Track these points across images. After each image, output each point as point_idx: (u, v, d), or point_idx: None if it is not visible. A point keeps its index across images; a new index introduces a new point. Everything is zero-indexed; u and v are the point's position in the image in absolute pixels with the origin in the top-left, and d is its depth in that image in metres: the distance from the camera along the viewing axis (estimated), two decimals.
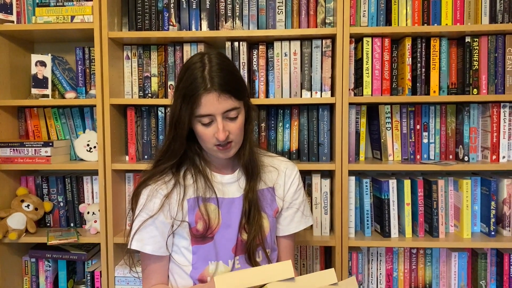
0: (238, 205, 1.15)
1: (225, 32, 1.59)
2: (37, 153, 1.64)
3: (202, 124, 1.06)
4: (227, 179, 1.16)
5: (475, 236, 1.63)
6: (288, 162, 1.26)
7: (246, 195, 1.15)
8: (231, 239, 1.13)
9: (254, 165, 1.16)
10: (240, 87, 1.09)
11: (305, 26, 1.62)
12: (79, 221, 1.78)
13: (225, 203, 1.14)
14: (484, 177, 1.64)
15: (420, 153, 1.67)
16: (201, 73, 1.04)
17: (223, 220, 1.13)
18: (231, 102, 1.05)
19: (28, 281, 1.78)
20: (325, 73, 1.61)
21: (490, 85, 1.58)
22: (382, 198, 1.61)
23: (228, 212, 1.14)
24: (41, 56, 1.68)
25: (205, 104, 1.03)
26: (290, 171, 1.23)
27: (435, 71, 1.59)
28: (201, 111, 1.04)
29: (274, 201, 1.19)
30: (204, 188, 1.12)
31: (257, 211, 1.14)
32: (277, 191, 1.20)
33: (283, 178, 1.21)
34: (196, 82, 1.04)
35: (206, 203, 1.12)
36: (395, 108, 1.66)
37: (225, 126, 1.05)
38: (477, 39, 1.57)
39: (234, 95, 1.05)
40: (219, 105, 1.03)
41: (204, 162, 1.16)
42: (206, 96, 1.03)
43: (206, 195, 1.12)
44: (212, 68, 1.04)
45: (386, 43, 1.60)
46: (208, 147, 1.09)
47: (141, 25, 1.65)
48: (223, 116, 1.05)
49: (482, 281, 1.63)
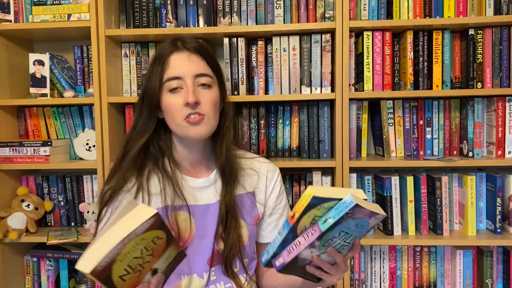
0: (214, 212, 1.05)
1: (223, 28, 1.57)
2: (36, 153, 1.64)
3: (170, 91, 0.97)
4: (201, 183, 1.06)
5: (481, 233, 1.59)
6: (269, 164, 1.17)
7: (223, 200, 1.04)
8: (206, 251, 1.03)
9: (231, 167, 1.06)
10: (215, 60, 1.03)
11: (304, 21, 1.60)
12: (80, 220, 1.78)
13: (199, 211, 1.04)
14: (489, 173, 1.61)
15: (423, 149, 1.63)
16: (173, 40, 1.01)
17: (197, 230, 1.03)
18: (204, 66, 0.98)
19: (30, 280, 1.78)
20: (325, 69, 1.58)
21: (494, 78, 1.54)
22: (385, 195, 1.58)
23: (202, 221, 1.04)
24: (39, 55, 1.67)
25: (174, 65, 0.97)
26: (272, 173, 1.15)
27: (438, 65, 1.55)
28: (170, 73, 0.97)
29: (254, 207, 1.10)
30: (172, 196, 1.01)
31: (234, 218, 1.04)
32: (257, 196, 1.11)
33: (264, 181, 1.13)
34: (166, 45, 1.00)
35: (176, 211, 1.01)
36: (397, 103, 1.63)
37: (196, 93, 0.96)
38: (481, 31, 1.53)
39: (207, 61, 0.99)
40: (190, 66, 0.97)
41: (173, 164, 1.05)
42: (176, 55, 0.98)
43: (175, 203, 1.01)
44: (183, 36, 1.02)
45: (387, 37, 1.56)
46: (177, 123, 0.98)
47: (139, 22, 1.64)
48: (194, 82, 0.97)
49: (488, 280, 1.60)
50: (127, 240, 0.72)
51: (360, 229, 0.85)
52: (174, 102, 0.97)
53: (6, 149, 1.65)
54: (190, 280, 1.03)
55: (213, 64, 1.03)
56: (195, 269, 1.03)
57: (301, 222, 0.82)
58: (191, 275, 1.03)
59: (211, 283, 1.05)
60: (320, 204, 0.80)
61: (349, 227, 0.82)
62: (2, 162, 1.65)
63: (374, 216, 0.83)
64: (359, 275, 1.65)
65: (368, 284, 1.67)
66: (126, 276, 0.76)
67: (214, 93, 1.01)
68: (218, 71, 1.05)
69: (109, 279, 0.73)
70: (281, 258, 0.85)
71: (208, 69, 1.00)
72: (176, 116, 0.97)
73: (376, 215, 0.83)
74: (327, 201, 0.80)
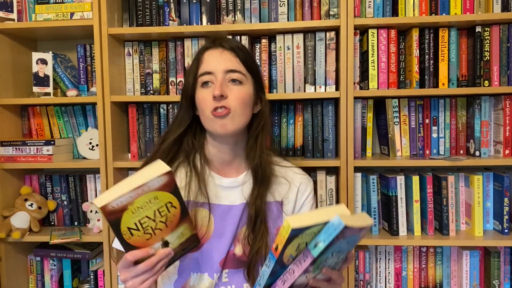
0: (235, 214, 1.03)
1: (226, 26, 1.56)
2: (39, 152, 1.63)
3: (202, 86, 1.00)
4: (227, 183, 1.05)
5: (488, 234, 1.57)
6: (304, 176, 1.13)
7: (253, 202, 1.02)
8: (221, 252, 1.01)
9: (265, 170, 1.04)
10: (251, 60, 1.04)
11: (308, 19, 1.58)
12: (83, 219, 1.77)
13: (220, 210, 1.03)
14: (496, 173, 1.58)
15: (429, 148, 1.61)
16: (212, 38, 1.05)
17: (215, 230, 1.02)
18: (236, 63, 1.00)
19: (34, 280, 1.78)
20: (329, 67, 1.56)
21: (502, 76, 1.52)
22: (390, 195, 1.56)
23: (222, 221, 1.03)
24: (42, 54, 1.67)
25: (207, 61, 1.00)
26: (305, 186, 1.11)
27: (444, 62, 1.53)
28: (203, 68, 1.00)
29: (279, 218, 1.06)
30: (196, 191, 1.02)
31: (263, 223, 1.01)
32: (285, 206, 1.07)
33: (295, 193, 1.09)
34: (205, 43, 1.05)
35: (197, 208, 1.02)
36: (403, 101, 1.61)
37: (225, 88, 0.98)
38: (488, 28, 1.51)
39: (240, 58, 1.00)
40: (222, 61, 0.99)
41: (204, 160, 1.06)
42: (210, 51, 1.01)
43: (198, 200, 1.02)
44: (223, 36, 1.06)
45: (392, 34, 1.54)
46: (205, 115, 0.99)
47: (142, 20, 1.63)
48: (225, 78, 0.99)
49: (496, 281, 1.57)
50: (140, 191, 0.76)
51: (351, 244, 0.84)
52: (204, 95, 0.99)
53: (10, 148, 1.65)
54: (199, 278, 1.02)
55: (247, 62, 1.03)
56: (206, 269, 1.02)
57: (286, 253, 0.81)
58: (201, 274, 1.02)
59: (222, 284, 1.03)
60: (302, 233, 0.78)
61: (341, 246, 0.81)
62: (5, 161, 1.65)
63: (364, 229, 0.81)
64: (364, 276, 1.63)
65: (373, 284, 1.65)
66: (135, 232, 0.80)
67: (245, 90, 1.01)
68: (254, 70, 1.05)
69: (117, 225, 0.77)
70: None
71: (240, 66, 1.01)
72: (205, 109, 0.99)
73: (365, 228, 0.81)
74: (309, 229, 0.78)
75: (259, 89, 1.07)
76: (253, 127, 1.06)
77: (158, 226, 0.82)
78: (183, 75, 1.63)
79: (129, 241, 0.81)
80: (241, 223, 1.04)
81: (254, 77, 1.05)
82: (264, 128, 1.07)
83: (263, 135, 1.06)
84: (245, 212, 1.04)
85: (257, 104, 1.07)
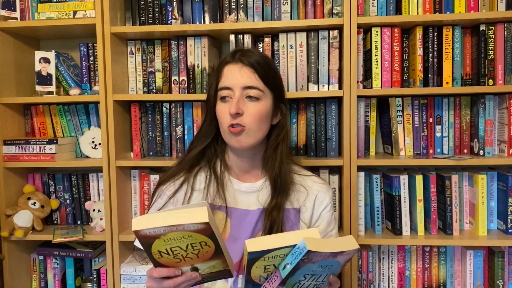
0: (251, 219, 1.05)
1: (229, 24, 1.56)
2: (42, 151, 1.63)
3: (221, 99, 1.03)
4: (245, 188, 1.08)
5: (492, 233, 1.56)
6: (323, 185, 1.14)
7: (270, 213, 1.04)
8: (236, 255, 1.02)
9: (284, 180, 1.06)
10: (270, 74, 1.05)
11: (311, 17, 1.57)
12: (86, 218, 1.77)
13: (237, 214, 1.06)
14: (500, 172, 1.57)
15: (433, 147, 1.60)
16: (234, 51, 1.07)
17: (231, 233, 1.04)
18: (254, 79, 1.01)
19: (37, 278, 1.78)
20: (333, 65, 1.55)
21: (506, 75, 1.50)
22: (393, 194, 1.55)
23: (238, 225, 1.05)
24: (44, 52, 1.67)
25: (226, 75, 1.03)
26: (323, 195, 1.12)
27: (448, 61, 1.52)
28: (222, 82, 1.02)
29: (296, 225, 1.08)
30: (214, 195, 1.05)
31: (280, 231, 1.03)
32: (302, 213, 1.09)
33: (312, 201, 1.10)
34: (227, 55, 1.07)
35: (214, 211, 1.04)
36: (407, 100, 1.60)
37: (242, 105, 1.00)
38: (492, 27, 1.50)
39: (259, 74, 1.02)
40: (240, 77, 1.01)
41: (224, 166, 1.09)
42: (229, 66, 1.03)
43: (216, 203, 1.05)
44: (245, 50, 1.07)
45: (396, 33, 1.53)
46: (223, 129, 1.03)
47: (145, 19, 1.63)
48: (242, 94, 1.01)
49: (499, 281, 1.56)
50: (174, 229, 0.78)
51: (329, 268, 0.85)
52: (222, 109, 1.02)
53: (13, 147, 1.65)
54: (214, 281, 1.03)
55: (266, 78, 1.04)
56: None
57: (253, 273, 0.86)
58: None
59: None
60: (264, 256, 0.82)
61: (312, 269, 0.83)
62: (8, 160, 1.65)
63: (339, 254, 0.82)
64: (367, 275, 1.62)
65: (376, 284, 1.64)
66: (165, 255, 0.83)
67: (261, 106, 1.02)
68: (273, 85, 1.06)
69: (148, 247, 0.81)
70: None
71: (258, 82, 1.02)
72: (223, 123, 1.02)
73: (342, 253, 0.82)
74: (267, 252, 0.81)
75: (279, 101, 1.09)
76: (272, 137, 1.09)
77: (189, 256, 0.84)
78: (185, 74, 1.62)
79: (159, 261, 0.85)
80: (256, 228, 1.06)
81: (273, 91, 1.06)
82: (284, 139, 1.09)
83: (283, 145, 1.08)
84: (261, 218, 1.06)
85: (276, 116, 1.09)
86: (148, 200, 1.67)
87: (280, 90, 1.09)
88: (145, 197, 1.68)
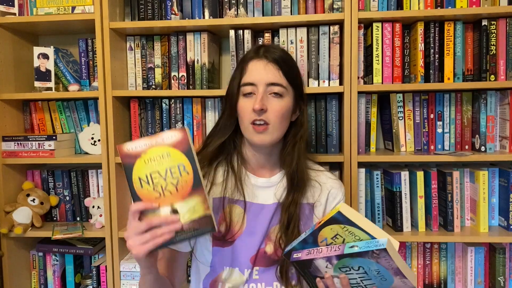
0: (267, 213, 1.06)
1: (229, 20, 1.54)
2: (41, 147, 1.63)
3: (243, 95, 1.03)
4: (261, 183, 1.09)
5: (493, 230, 1.55)
6: (336, 181, 1.15)
7: (287, 208, 1.05)
8: (252, 248, 1.05)
9: (301, 177, 1.07)
10: (293, 71, 1.06)
11: (311, 12, 1.56)
12: (85, 215, 1.77)
13: (254, 208, 1.07)
14: (502, 168, 1.56)
15: (434, 143, 1.59)
16: (258, 47, 1.07)
17: (247, 227, 1.05)
18: (278, 76, 1.02)
19: (36, 275, 1.77)
20: (333, 61, 1.54)
21: (508, 70, 1.49)
22: (394, 190, 1.55)
23: (254, 219, 1.06)
24: (43, 48, 1.66)
25: (251, 71, 1.03)
26: (336, 191, 1.12)
27: (449, 57, 1.51)
28: (246, 78, 1.03)
29: (310, 219, 1.09)
30: (232, 189, 1.06)
31: (296, 227, 1.04)
32: (316, 208, 1.10)
33: (325, 197, 1.11)
34: (251, 51, 1.07)
35: (232, 204, 1.06)
36: (408, 96, 1.59)
37: (265, 101, 1.00)
38: (494, 22, 1.49)
39: (283, 71, 1.02)
40: (265, 74, 1.01)
41: (241, 160, 1.10)
42: (254, 62, 1.03)
43: (234, 197, 1.06)
44: (268, 45, 1.07)
45: (397, 28, 1.52)
46: (245, 125, 1.03)
47: (144, 14, 1.62)
48: (266, 90, 1.01)
49: (501, 277, 1.56)
50: (154, 141, 0.83)
51: (381, 279, 0.86)
52: (245, 105, 1.02)
53: (12, 144, 1.64)
54: (231, 272, 1.05)
55: (290, 75, 1.04)
56: (237, 263, 1.05)
57: (323, 232, 0.86)
58: (233, 268, 1.05)
59: (252, 281, 1.05)
60: (345, 225, 0.83)
61: (370, 267, 0.83)
62: (7, 157, 1.65)
63: (400, 276, 0.83)
64: None
65: None
66: (145, 184, 0.84)
67: (284, 103, 1.03)
68: (295, 82, 1.06)
69: (130, 171, 0.84)
70: (300, 254, 0.89)
71: (282, 79, 1.03)
72: (245, 119, 1.02)
73: (402, 277, 0.83)
74: (351, 225, 0.83)
75: (299, 99, 1.09)
76: (291, 134, 1.09)
77: (168, 188, 0.84)
78: (185, 70, 1.61)
79: (138, 193, 0.84)
80: (272, 222, 1.07)
81: (295, 88, 1.06)
82: (302, 137, 1.09)
83: (301, 142, 1.09)
84: (277, 212, 1.07)
85: (295, 112, 1.10)
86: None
87: (301, 87, 1.10)
88: None
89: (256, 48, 1.07)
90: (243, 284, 1.05)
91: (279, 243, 1.05)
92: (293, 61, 1.09)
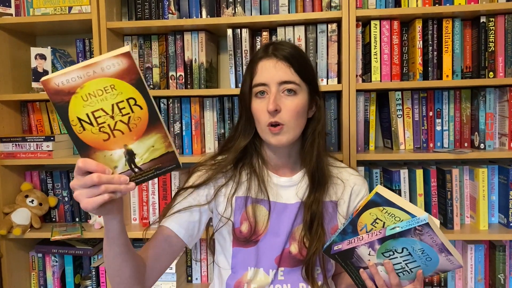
0: (290, 213, 1.05)
1: (226, 19, 1.54)
2: (39, 148, 1.62)
3: (256, 96, 1.01)
4: (283, 182, 1.08)
5: (493, 227, 1.55)
6: (358, 177, 1.14)
7: (309, 206, 1.03)
8: (276, 249, 1.03)
9: (322, 174, 1.06)
10: (305, 66, 1.03)
11: (309, 10, 1.56)
12: (84, 215, 1.76)
13: (277, 208, 1.05)
14: (501, 165, 1.56)
15: (433, 141, 1.59)
16: (266, 45, 1.04)
17: (271, 227, 1.04)
18: (290, 73, 0.99)
19: (36, 276, 1.77)
20: (331, 59, 1.54)
21: (507, 67, 1.49)
22: (393, 188, 1.54)
23: (278, 219, 1.05)
24: (40, 49, 1.65)
25: (261, 71, 1.00)
26: (359, 187, 1.11)
27: (448, 54, 1.51)
28: (257, 79, 1.00)
29: (334, 218, 1.07)
30: (256, 189, 1.05)
31: (320, 225, 1.03)
32: (340, 206, 1.09)
33: (349, 193, 1.10)
34: (260, 50, 1.04)
35: (256, 204, 1.04)
36: (406, 94, 1.59)
37: (279, 101, 0.98)
38: (493, 18, 1.48)
39: (294, 68, 1.00)
40: (275, 73, 0.98)
41: (262, 161, 1.08)
42: (264, 61, 1.01)
43: (258, 197, 1.04)
44: (277, 43, 1.04)
45: (395, 25, 1.52)
46: (261, 128, 1.01)
47: (141, 14, 1.61)
48: (278, 89, 0.99)
49: (501, 275, 1.56)
50: (91, 72, 0.65)
51: (426, 260, 0.84)
52: (259, 107, 1.00)
53: (9, 145, 1.64)
54: (256, 273, 1.04)
55: (302, 71, 1.02)
56: (262, 264, 1.04)
57: (362, 218, 0.85)
58: (257, 269, 1.04)
59: (277, 282, 1.04)
60: (384, 206, 0.82)
61: (414, 247, 0.82)
62: (5, 158, 1.64)
63: (446, 253, 0.81)
64: None
65: None
66: (87, 125, 0.69)
67: (299, 100, 1.01)
68: (308, 78, 1.04)
69: (65, 111, 0.68)
70: (341, 245, 0.89)
71: (294, 76, 1.00)
72: (260, 120, 1.01)
73: (448, 254, 0.81)
74: (391, 205, 0.81)
75: (314, 94, 1.07)
76: (309, 131, 1.07)
77: (118, 127, 0.70)
78: (183, 69, 1.61)
79: (81, 137, 0.69)
80: (296, 221, 1.05)
81: (308, 84, 1.04)
82: (320, 133, 1.07)
83: (320, 139, 1.07)
84: (300, 211, 1.06)
85: (311, 108, 1.08)
86: (146, 197, 1.66)
87: (315, 82, 1.07)
88: (143, 194, 1.67)
89: (265, 46, 1.05)
90: (268, 285, 1.03)
91: (303, 243, 1.03)
92: (304, 56, 1.06)
